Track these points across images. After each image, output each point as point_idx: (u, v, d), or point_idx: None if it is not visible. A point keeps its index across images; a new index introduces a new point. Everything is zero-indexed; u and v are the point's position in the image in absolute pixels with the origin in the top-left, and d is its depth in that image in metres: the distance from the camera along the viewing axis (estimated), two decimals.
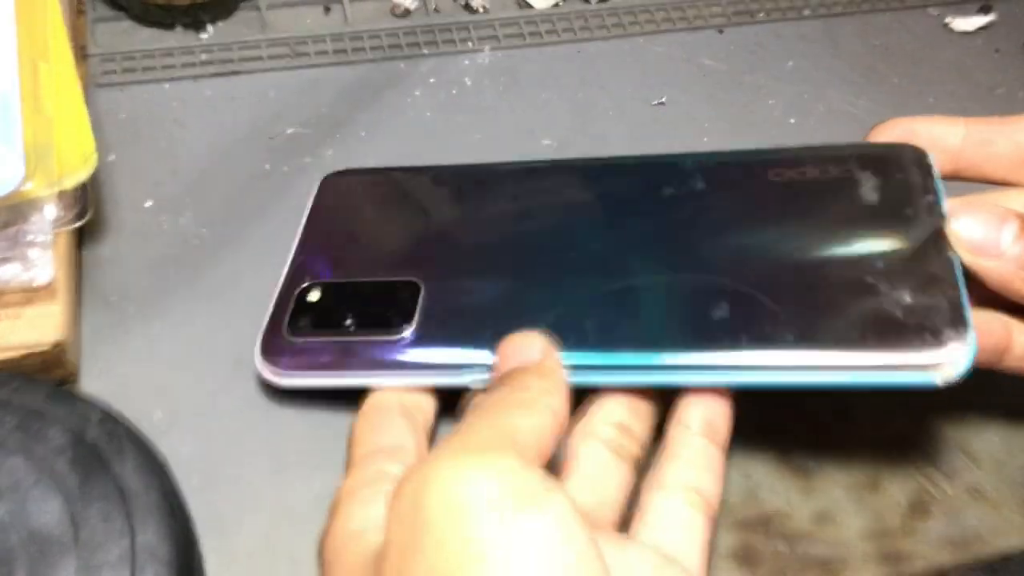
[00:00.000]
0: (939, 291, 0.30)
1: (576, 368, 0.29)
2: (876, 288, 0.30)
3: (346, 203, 0.37)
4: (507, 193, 0.36)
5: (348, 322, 0.32)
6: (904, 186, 0.33)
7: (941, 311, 0.29)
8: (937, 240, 0.31)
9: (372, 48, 0.46)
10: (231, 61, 0.45)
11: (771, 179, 0.34)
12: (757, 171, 0.34)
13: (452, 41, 0.47)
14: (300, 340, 0.32)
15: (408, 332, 0.32)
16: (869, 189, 0.33)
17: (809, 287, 0.30)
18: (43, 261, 0.31)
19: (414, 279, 0.33)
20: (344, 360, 0.32)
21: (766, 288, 0.30)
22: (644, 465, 0.29)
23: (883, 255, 0.31)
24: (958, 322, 0.29)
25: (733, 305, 0.30)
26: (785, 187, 0.31)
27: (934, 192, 0.32)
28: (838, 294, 0.30)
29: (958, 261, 0.30)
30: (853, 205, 0.33)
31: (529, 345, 0.28)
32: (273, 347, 0.32)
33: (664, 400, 0.30)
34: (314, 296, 0.33)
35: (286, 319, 0.33)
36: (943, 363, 0.28)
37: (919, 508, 0.32)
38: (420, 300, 0.33)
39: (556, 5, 0.49)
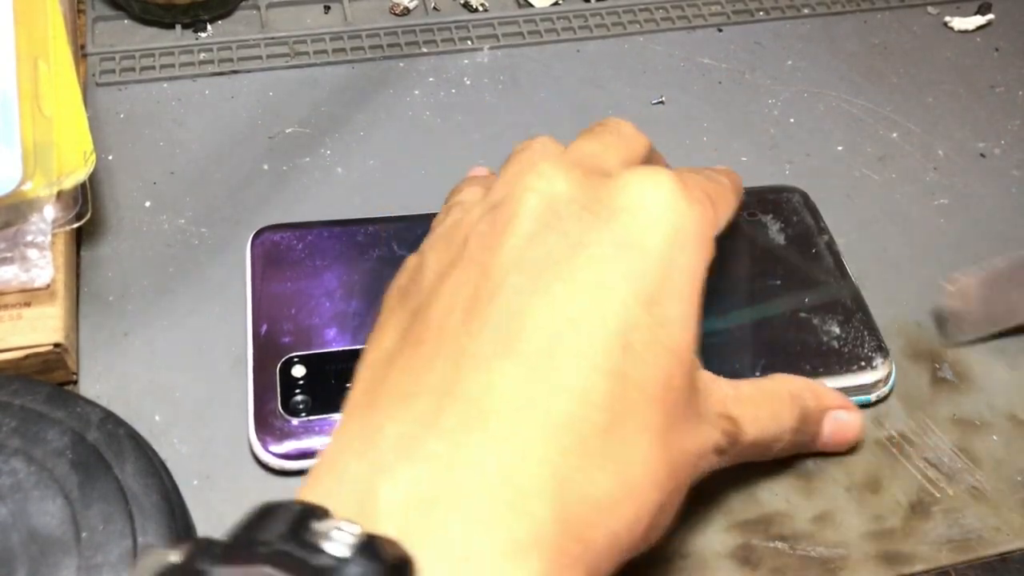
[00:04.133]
0: (857, 318, 0.35)
1: None
2: (811, 323, 0.35)
3: (291, 262, 0.35)
4: None
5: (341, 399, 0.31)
6: (804, 226, 0.38)
7: (864, 336, 0.35)
8: (844, 271, 0.37)
9: (371, 47, 0.46)
10: (230, 60, 0.44)
11: None
12: None
13: (451, 40, 0.47)
14: (298, 422, 0.31)
15: None
16: (776, 231, 0.38)
17: (758, 327, 0.35)
18: (42, 262, 0.31)
19: None
20: None
21: (727, 331, 0.35)
22: None
23: (809, 292, 0.36)
24: (880, 344, 0.35)
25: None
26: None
27: (827, 231, 0.38)
28: (782, 332, 0.35)
29: (855, 283, 0.36)
30: (771, 248, 0.38)
31: None
32: (271, 432, 0.31)
33: None
34: (299, 371, 0.32)
35: (278, 401, 0.31)
36: (875, 382, 0.34)
37: (919, 508, 0.32)
38: None
39: (555, 4, 0.49)
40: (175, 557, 0.18)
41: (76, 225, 0.33)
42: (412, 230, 0.37)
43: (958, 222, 0.41)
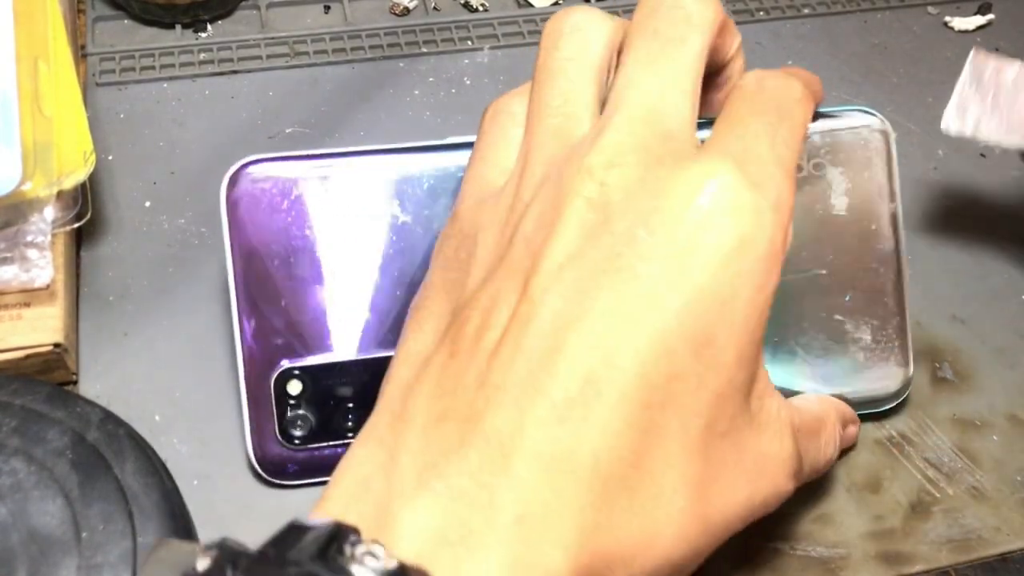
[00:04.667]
0: (890, 320, 0.32)
1: None
2: (843, 324, 0.31)
3: (278, 222, 0.31)
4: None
5: (349, 422, 0.30)
6: (867, 187, 0.32)
7: (892, 343, 0.32)
8: (895, 256, 0.32)
9: (371, 47, 0.46)
10: (230, 60, 0.44)
11: None
12: None
13: (451, 40, 0.47)
14: (297, 447, 0.30)
15: None
16: (839, 193, 0.32)
17: (779, 319, 0.31)
18: (42, 262, 0.31)
19: None
20: None
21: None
22: None
23: (847, 286, 0.31)
24: (905, 351, 0.32)
25: None
26: None
27: (895, 189, 0.33)
28: (808, 325, 0.31)
29: (906, 280, 0.32)
30: (824, 217, 0.32)
31: None
32: (270, 459, 0.30)
33: None
34: (295, 388, 0.30)
35: (274, 424, 0.30)
36: (894, 393, 0.32)
37: (919, 508, 0.32)
38: None
39: (555, 4, 0.49)
40: (202, 563, 0.18)
41: (76, 225, 0.33)
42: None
43: (958, 222, 0.41)
